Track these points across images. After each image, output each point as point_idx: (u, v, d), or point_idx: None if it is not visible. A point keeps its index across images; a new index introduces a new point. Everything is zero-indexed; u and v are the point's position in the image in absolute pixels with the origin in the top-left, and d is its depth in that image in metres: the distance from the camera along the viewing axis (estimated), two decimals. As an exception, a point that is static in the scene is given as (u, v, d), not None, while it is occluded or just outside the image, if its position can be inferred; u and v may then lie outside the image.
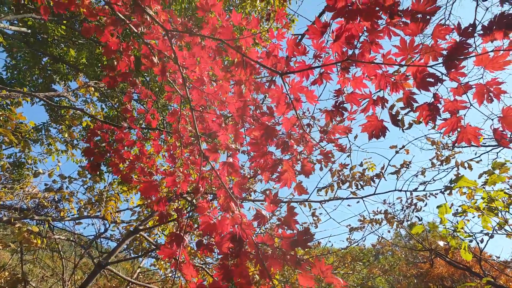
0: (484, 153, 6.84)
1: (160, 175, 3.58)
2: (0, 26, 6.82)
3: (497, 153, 6.79)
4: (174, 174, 2.41)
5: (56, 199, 7.92)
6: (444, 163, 6.19)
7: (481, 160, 6.16)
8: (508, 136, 1.77)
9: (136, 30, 3.08)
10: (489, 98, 1.79)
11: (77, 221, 7.54)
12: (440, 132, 6.51)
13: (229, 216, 2.00)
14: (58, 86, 10.36)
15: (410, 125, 4.48)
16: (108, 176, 10.11)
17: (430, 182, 6.41)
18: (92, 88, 7.28)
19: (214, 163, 2.40)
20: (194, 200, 3.53)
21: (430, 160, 6.32)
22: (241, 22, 2.32)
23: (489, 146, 6.66)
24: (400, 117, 4.05)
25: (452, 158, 6.19)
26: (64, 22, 8.49)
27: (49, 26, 8.50)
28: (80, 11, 3.07)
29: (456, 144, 1.94)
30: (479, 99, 1.81)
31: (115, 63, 3.32)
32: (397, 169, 6.14)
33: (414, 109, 1.93)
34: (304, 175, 2.26)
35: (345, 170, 6.20)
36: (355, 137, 5.66)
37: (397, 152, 5.97)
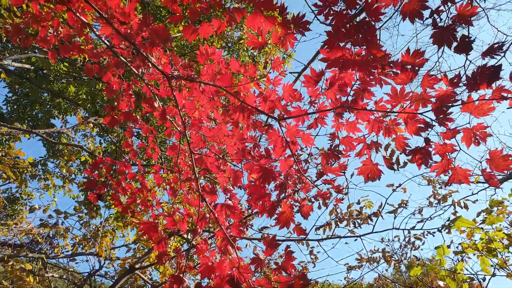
0: (482, 189, 6.86)
1: (158, 209, 3.62)
2: (3, 63, 7.00)
3: (495, 189, 6.80)
4: (173, 215, 2.43)
5: (51, 235, 7.82)
6: (441, 202, 6.22)
7: (477, 200, 6.19)
8: (496, 176, 1.84)
9: (137, 72, 3.19)
10: (476, 141, 1.88)
11: (71, 258, 7.41)
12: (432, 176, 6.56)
13: (227, 259, 2.01)
14: (57, 121, 10.46)
15: (405, 164, 4.55)
16: (104, 211, 10.03)
17: (428, 219, 6.40)
18: (91, 124, 7.38)
19: (213, 204, 2.43)
20: (193, 241, 3.52)
21: (427, 199, 6.35)
22: (239, 70, 2.43)
23: (486, 183, 6.68)
24: (395, 157, 4.13)
25: (449, 196, 6.22)
26: (67, 59, 8.72)
27: (51, 62, 8.72)
28: (83, 54, 3.20)
29: (449, 184, 2.01)
30: (467, 142, 1.91)
31: (116, 103, 3.41)
32: (394, 208, 6.16)
33: (407, 153, 2.00)
34: (302, 217, 2.29)
35: (341, 207, 6.21)
36: (352, 175, 5.71)
37: (394, 190, 6.01)
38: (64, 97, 9.38)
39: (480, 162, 1.87)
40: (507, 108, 4.22)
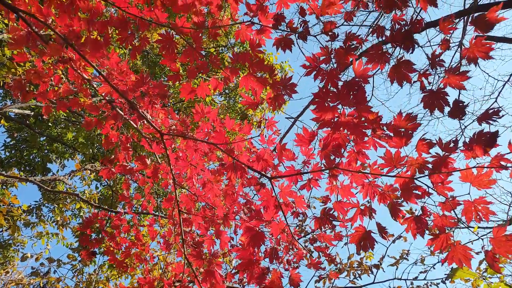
0: (484, 235, 6.68)
1: (151, 263, 3.56)
2: (6, 110, 7.08)
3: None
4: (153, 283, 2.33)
5: (42, 285, 7.53)
6: (443, 252, 6.04)
7: (480, 252, 6.02)
8: (500, 259, 1.70)
9: (135, 125, 3.21)
10: (478, 217, 1.76)
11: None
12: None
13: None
14: (54, 165, 10.41)
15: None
16: (98, 258, 9.73)
17: (430, 270, 6.20)
18: (88, 171, 7.35)
19: (197, 269, 2.33)
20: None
21: (428, 247, 6.17)
22: (233, 128, 2.42)
23: (487, 228, 6.54)
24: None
25: (451, 246, 6.03)
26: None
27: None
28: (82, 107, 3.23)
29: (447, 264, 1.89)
30: (467, 216, 1.79)
31: (113, 156, 3.43)
32: (395, 260, 6.00)
33: (401, 222, 1.92)
34: (292, 287, 2.17)
35: (342, 257, 6.04)
36: (352, 224, 5.58)
37: (393, 241, 5.87)
38: (63, 142, 9.42)
39: (482, 240, 1.73)
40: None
